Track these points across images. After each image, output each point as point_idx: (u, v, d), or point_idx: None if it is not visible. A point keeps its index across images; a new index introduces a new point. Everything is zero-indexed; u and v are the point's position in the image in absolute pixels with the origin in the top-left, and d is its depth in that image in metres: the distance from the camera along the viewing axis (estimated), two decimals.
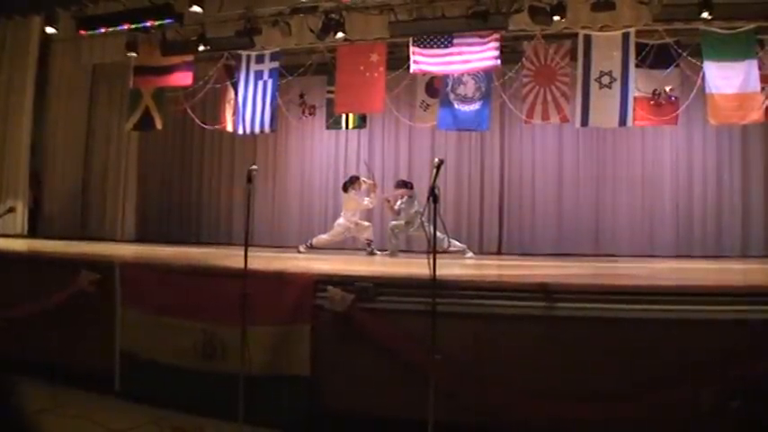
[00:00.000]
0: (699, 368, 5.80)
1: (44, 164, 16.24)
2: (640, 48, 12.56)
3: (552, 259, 12.84)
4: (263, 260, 10.20)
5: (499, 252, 15.52)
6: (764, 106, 12.16)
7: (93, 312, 8.08)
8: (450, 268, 8.23)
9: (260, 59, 14.61)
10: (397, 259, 12.49)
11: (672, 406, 5.76)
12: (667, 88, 12.85)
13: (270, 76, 14.53)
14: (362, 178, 14.12)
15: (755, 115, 12.09)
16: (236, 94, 14.99)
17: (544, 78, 13.19)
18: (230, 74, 15.16)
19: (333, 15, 13.11)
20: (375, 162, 16.66)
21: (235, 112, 15.09)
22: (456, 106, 13.81)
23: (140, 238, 16.54)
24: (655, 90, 12.86)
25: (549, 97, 13.14)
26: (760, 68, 12.00)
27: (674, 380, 5.81)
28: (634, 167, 15.16)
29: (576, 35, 12.77)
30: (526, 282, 7.39)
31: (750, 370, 5.68)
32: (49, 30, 14.44)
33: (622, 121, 12.64)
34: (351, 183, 14.01)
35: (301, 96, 15.97)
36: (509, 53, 13.68)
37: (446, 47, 13.01)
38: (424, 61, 13.15)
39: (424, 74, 13.96)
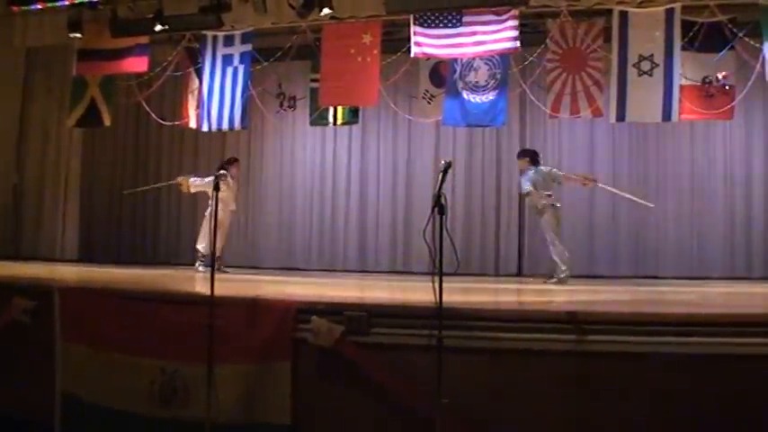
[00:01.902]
0: (758, 413, 5.82)
1: None
2: (687, 27, 12.57)
3: (583, 282, 12.81)
4: (235, 284, 10.23)
5: (519, 274, 15.55)
6: None
7: (29, 347, 8.08)
8: (458, 294, 8.25)
9: (229, 41, 14.59)
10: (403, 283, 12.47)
11: None
12: (720, 75, 12.86)
13: (241, 62, 14.52)
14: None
15: None
16: (200, 83, 14.96)
17: (572, 64, 13.20)
18: (193, 59, 15.16)
19: None
20: (369, 165, 16.70)
21: (199, 105, 15.06)
22: (465, 97, 13.80)
23: (84, 258, 16.55)
24: (705, 77, 12.86)
25: (579, 86, 13.15)
26: None
27: (727, 427, 5.82)
28: (681, 171, 15.17)
29: (610, 12, 12.81)
30: (551, 310, 7.43)
31: None
32: None
33: (666, 116, 12.64)
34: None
35: (279, 86, 15.92)
36: (530, 33, 13.73)
37: (454, 26, 13.03)
38: (427, 43, 13.16)
39: (428, 58, 13.91)
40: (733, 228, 14.80)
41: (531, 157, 12.83)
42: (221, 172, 11.23)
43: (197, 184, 14.32)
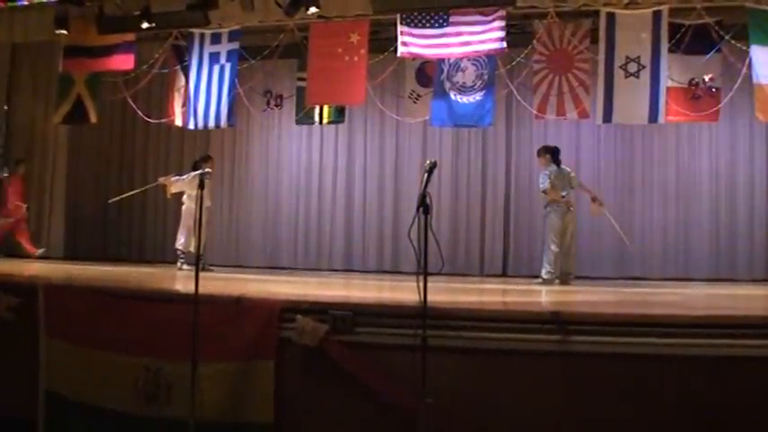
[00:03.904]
0: (740, 413, 5.84)
1: None
2: (675, 29, 12.59)
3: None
4: (219, 282, 10.23)
5: (504, 274, 15.58)
6: None
7: (12, 344, 8.06)
8: (443, 294, 8.27)
9: (216, 39, 14.58)
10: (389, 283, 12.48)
11: None
12: (707, 78, 12.91)
13: (228, 60, 14.51)
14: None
15: None
16: (186, 80, 14.94)
17: (559, 65, 13.24)
18: (180, 56, 15.15)
19: None
20: (355, 164, 16.73)
21: (185, 103, 15.05)
22: (453, 97, 13.83)
23: (70, 255, 16.52)
24: (692, 80, 12.91)
25: (566, 88, 13.19)
26: None
27: (710, 427, 5.85)
28: (666, 173, 15.22)
29: (597, 13, 12.83)
30: (535, 310, 7.45)
31: None
32: None
33: (653, 117, 12.67)
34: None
35: (266, 84, 15.95)
36: (517, 34, 13.76)
37: (441, 26, 13.05)
38: (414, 43, 13.17)
39: (415, 58, 13.94)
40: (718, 230, 14.84)
41: (552, 154, 12.82)
42: (207, 170, 11.23)
43: (179, 183, 14.37)
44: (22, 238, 15.46)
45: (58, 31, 14.56)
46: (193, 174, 13.85)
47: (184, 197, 14.44)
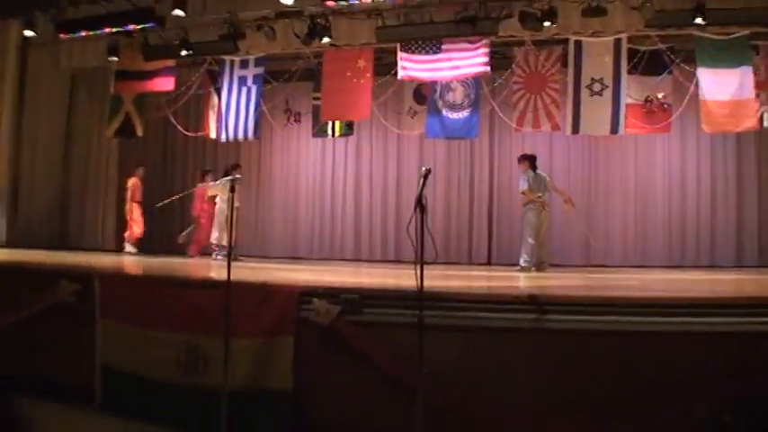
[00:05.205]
0: (692, 381, 5.80)
1: (22, 171, 16.10)
2: (632, 54, 12.64)
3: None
4: (248, 271, 10.20)
5: (489, 263, 15.57)
6: (759, 114, 12.24)
7: (74, 324, 8.04)
8: (438, 280, 8.24)
9: (244, 65, 14.61)
10: (392, 271, 12.44)
11: (664, 420, 5.77)
12: (660, 95, 12.93)
13: (254, 82, 14.53)
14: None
15: (750, 123, 12.16)
16: (219, 100, 14.98)
17: (535, 85, 13.26)
18: (213, 79, 15.19)
19: (319, 20, 13.16)
20: (362, 170, 16.73)
21: (218, 119, 15.08)
22: (444, 113, 13.86)
23: (121, 248, 16.49)
24: (647, 97, 12.95)
25: (540, 105, 13.21)
26: (755, 75, 12.07)
27: (667, 393, 5.82)
28: (626, 176, 15.24)
29: (566, 41, 12.85)
30: (515, 293, 7.41)
31: (743, 383, 5.70)
32: (28, 33, 14.40)
33: (614, 129, 12.69)
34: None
35: (286, 103, 15.98)
36: (499, 59, 13.76)
37: (434, 52, 13.04)
38: (411, 67, 13.18)
39: (412, 80, 13.98)
40: (670, 224, 14.90)
41: (530, 160, 12.74)
42: (237, 176, 11.24)
43: (214, 188, 14.39)
44: (196, 239, 15.32)
45: (110, 59, 14.72)
46: (225, 179, 13.85)
47: (217, 199, 14.44)
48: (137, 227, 15.69)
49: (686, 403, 5.77)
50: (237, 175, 11.96)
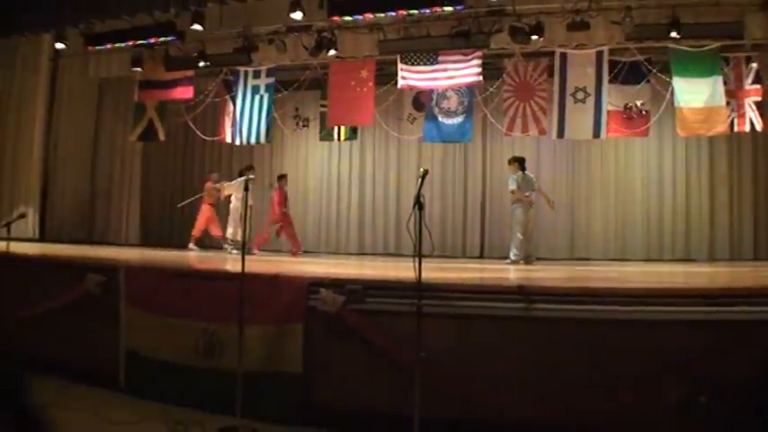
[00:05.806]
0: (668, 366, 5.81)
1: (53, 172, 16.13)
2: (613, 65, 12.69)
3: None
4: (260, 263, 10.20)
5: (481, 256, 15.58)
6: (729, 119, 12.34)
7: (100, 313, 8.05)
8: (434, 272, 8.24)
9: (257, 75, 14.64)
10: (392, 263, 12.43)
11: (642, 402, 5.78)
12: (638, 102, 12.96)
13: (266, 91, 14.56)
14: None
15: (721, 128, 12.26)
16: (234, 107, 14.99)
17: (523, 93, 13.29)
18: (229, 88, 15.19)
19: (325, 34, 13.19)
20: (366, 172, 16.74)
21: (233, 124, 15.10)
22: (440, 119, 13.88)
23: (144, 243, 16.52)
24: (627, 104, 12.98)
25: (528, 111, 13.23)
26: (724, 84, 12.17)
27: (644, 377, 5.82)
28: (607, 176, 15.27)
29: (553, 53, 12.89)
30: (505, 284, 7.42)
31: (716, 367, 5.70)
32: (59, 45, 14.41)
33: (596, 133, 12.72)
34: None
35: (296, 110, 16.04)
36: (490, 70, 13.76)
37: (431, 63, 13.05)
38: (410, 77, 13.20)
39: (411, 89, 13.99)
40: (648, 220, 14.92)
41: (520, 162, 12.73)
42: (251, 176, 11.24)
43: (230, 188, 14.40)
44: (290, 239, 15.20)
45: (134, 69, 14.75)
46: (240, 179, 13.85)
47: (232, 197, 14.44)
48: (214, 227, 15.57)
49: (664, 386, 5.78)
50: (251, 176, 11.94)
